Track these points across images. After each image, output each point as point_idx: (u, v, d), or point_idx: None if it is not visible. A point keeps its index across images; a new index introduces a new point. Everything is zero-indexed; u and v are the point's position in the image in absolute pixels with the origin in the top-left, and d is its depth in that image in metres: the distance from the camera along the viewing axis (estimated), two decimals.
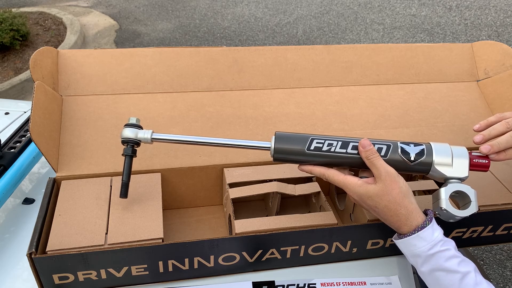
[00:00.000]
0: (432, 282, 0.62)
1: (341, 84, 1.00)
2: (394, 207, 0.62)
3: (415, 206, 0.63)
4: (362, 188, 0.64)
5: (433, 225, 0.62)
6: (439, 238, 0.61)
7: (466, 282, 0.58)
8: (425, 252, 0.61)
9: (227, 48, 0.99)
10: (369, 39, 3.87)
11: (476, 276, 0.59)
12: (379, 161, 0.63)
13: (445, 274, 0.60)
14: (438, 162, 0.65)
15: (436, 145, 0.67)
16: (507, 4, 4.29)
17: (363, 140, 0.65)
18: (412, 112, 0.97)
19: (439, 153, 0.66)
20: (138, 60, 0.93)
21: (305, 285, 0.73)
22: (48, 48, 0.88)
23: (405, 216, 0.62)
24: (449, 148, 0.66)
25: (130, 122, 0.71)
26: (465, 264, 0.60)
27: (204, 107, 0.91)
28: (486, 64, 1.06)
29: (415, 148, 0.66)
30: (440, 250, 0.60)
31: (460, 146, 0.67)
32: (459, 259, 0.60)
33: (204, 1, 4.94)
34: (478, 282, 0.58)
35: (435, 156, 0.65)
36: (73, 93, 0.88)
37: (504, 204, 0.78)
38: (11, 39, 3.59)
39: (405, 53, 1.05)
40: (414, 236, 0.61)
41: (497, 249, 1.90)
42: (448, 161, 0.65)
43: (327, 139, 0.67)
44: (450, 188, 0.65)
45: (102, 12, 4.80)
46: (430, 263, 0.61)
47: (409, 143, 0.67)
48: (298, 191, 0.81)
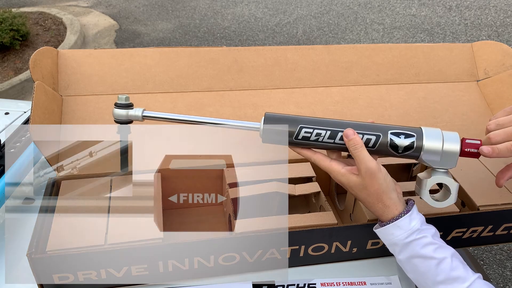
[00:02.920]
0: (410, 269, 0.64)
1: (341, 84, 1.00)
2: (372, 201, 0.64)
3: (394, 201, 0.64)
4: (344, 177, 0.66)
5: (411, 214, 0.63)
6: (416, 227, 0.62)
7: (442, 268, 0.60)
8: (402, 241, 0.63)
9: (227, 48, 0.99)
10: (369, 39, 3.87)
11: (453, 262, 0.60)
12: (362, 153, 0.63)
13: (422, 261, 0.61)
14: (427, 151, 0.65)
15: (427, 133, 0.66)
16: (507, 4, 4.29)
17: (346, 130, 0.65)
18: (412, 112, 0.97)
19: (429, 143, 0.65)
20: (138, 60, 0.93)
21: (305, 285, 0.74)
22: (48, 48, 0.88)
23: (382, 209, 0.64)
24: (440, 136, 0.65)
25: (119, 101, 0.71)
26: (441, 251, 0.61)
27: (204, 107, 0.91)
28: (486, 64, 1.06)
29: (405, 140, 0.65)
30: (416, 238, 0.62)
31: (453, 132, 0.66)
32: (436, 245, 0.62)
33: (204, 1, 4.94)
34: (454, 267, 0.60)
35: (424, 147, 0.65)
36: (73, 93, 0.88)
37: (504, 204, 0.78)
38: (11, 39, 3.59)
39: (405, 53, 1.05)
40: (391, 225, 0.63)
41: (497, 249, 1.90)
42: (437, 150, 0.65)
43: (316, 128, 0.67)
44: (433, 180, 0.66)
45: (102, 12, 4.80)
46: (407, 250, 0.63)
47: (399, 134, 0.66)
48: (298, 191, 0.81)
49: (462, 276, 0.59)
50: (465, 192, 0.82)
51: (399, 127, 0.67)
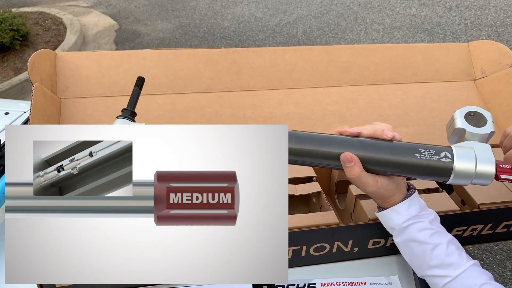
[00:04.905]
0: (406, 252, 0.66)
1: (340, 84, 1.00)
2: (374, 198, 0.67)
3: (394, 196, 0.64)
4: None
5: (410, 200, 0.64)
6: (414, 213, 0.63)
7: (436, 253, 0.61)
8: (399, 225, 0.64)
9: (225, 49, 0.99)
10: (369, 39, 3.86)
11: (448, 248, 0.61)
12: (360, 181, 0.61)
13: (417, 245, 0.62)
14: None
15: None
16: (507, 4, 4.29)
17: (343, 155, 0.59)
18: (411, 112, 0.97)
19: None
20: (136, 62, 0.94)
21: (305, 285, 0.74)
22: (46, 51, 0.88)
23: (382, 202, 0.66)
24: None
25: (123, 114, 0.68)
26: (437, 236, 0.62)
27: (203, 108, 0.91)
28: (483, 63, 1.06)
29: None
30: (413, 222, 0.63)
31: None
32: (432, 231, 0.62)
33: (204, 1, 4.94)
34: (449, 253, 0.61)
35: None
36: (71, 95, 0.88)
37: (504, 202, 0.79)
38: (11, 39, 3.59)
39: (402, 53, 1.05)
40: (390, 209, 0.64)
41: (497, 249, 1.90)
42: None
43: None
44: (464, 109, 0.63)
45: (102, 12, 4.80)
46: (404, 234, 0.64)
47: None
48: (299, 191, 0.81)
49: (456, 262, 0.60)
50: (465, 190, 0.82)
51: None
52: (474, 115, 0.63)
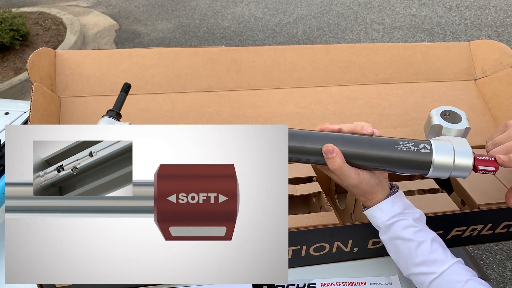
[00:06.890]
0: (392, 249, 0.66)
1: (340, 83, 1.00)
2: (356, 195, 0.66)
3: (377, 193, 0.64)
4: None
5: (393, 198, 0.64)
6: (398, 210, 0.63)
7: (421, 250, 0.61)
8: (383, 223, 0.64)
9: (225, 48, 0.99)
10: (369, 39, 3.86)
11: (432, 245, 0.61)
12: (342, 173, 0.61)
13: (402, 242, 0.63)
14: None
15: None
16: (507, 4, 4.29)
17: (325, 147, 0.60)
18: (411, 111, 0.97)
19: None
20: (136, 61, 0.93)
21: (305, 285, 0.74)
22: (46, 49, 0.88)
23: (365, 201, 0.66)
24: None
25: (109, 114, 0.68)
26: (421, 234, 0.62)
27: (203, 108, 0.91)
28: (484, 63, 1.06)
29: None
30: (397, 220, 0.63)
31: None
32: (416, 228, 0.63)
33: (204, 1, 4.94)
34: (433, 250, 0.61)
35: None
36: (71, 94, 0.88)
37: (504, 202, 0.78)
38: (11, 39, 3.59)
39: (403, 52, 1.05)
40: (374, 207, 0.64)
41: (497, 249, 1.90)
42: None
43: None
44: (440, 109, 0.65)
45: (102, 12, 4.80)
46: (389, 232, 0.64)
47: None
48: (299, 191, 0.81)
49: (441, 259, 0.60)
50: (465, 190, 0.82)
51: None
52: (449, 115, 0.65)
